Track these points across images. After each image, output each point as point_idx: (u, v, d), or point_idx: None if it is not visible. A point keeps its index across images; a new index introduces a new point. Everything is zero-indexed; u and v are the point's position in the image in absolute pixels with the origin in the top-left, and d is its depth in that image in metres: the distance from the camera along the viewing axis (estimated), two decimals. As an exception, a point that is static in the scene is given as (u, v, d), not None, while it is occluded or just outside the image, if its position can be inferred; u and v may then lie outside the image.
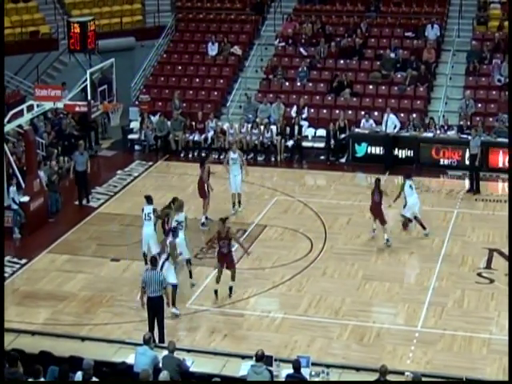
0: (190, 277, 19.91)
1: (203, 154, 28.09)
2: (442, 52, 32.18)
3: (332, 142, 28.46)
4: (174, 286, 18.38)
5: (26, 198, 23.15)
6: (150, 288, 16.98)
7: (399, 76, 30.94)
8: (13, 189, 23.09)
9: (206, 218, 23.29)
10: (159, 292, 17.00)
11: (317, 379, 14.41)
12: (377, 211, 21.93)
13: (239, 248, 20.08)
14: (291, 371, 14.01)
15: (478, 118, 28.70)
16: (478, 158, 25.60)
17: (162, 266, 17.92)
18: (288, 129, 29.24)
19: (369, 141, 28.21)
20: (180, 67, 33.05)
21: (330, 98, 30.67)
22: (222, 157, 29.12)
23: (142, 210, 20.67)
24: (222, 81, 32.28)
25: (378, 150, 28.09)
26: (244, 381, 14.07)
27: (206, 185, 23.38)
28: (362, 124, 28.77)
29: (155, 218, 20.48)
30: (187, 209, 23.91)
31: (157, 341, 16.48)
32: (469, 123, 28.29)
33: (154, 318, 17.10)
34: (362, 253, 21.57)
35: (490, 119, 28.71)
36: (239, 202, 24.37)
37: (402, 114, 29.19)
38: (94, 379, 13.60)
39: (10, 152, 23.92)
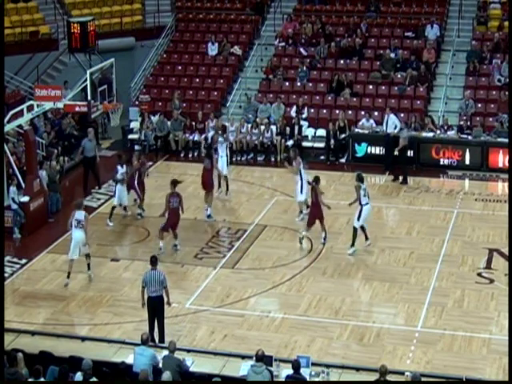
0: (88, 269, 20.24)
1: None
2: (442, 52, 32.18)
3: (332, 141, 28.47)
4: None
5: (25, 198, 23.15)
6: (150, 288, 16.99)
7: (399, 76, 30.94)
8: (13, 189, 23.09)
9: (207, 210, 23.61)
10: (159, 292, 17.02)
11: (317, 379, 14.41)
12: (320, 212, 21.80)
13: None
14: (291, 371, 14.02)
15: (477, 118, 28.72)
16: (407, 150, 26.49)
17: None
18: (288, 129, 29.25)
19: (369, 141, 28.23)
20: (180, 67, 33.05)
21: (329, 98, 30.67)
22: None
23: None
24: (222, 81, 32.28)
25: (377, 150, 28.11)
26: (244, 381, 14.09)
27: (211, 177, 23.63)
28: (361, 123, 28.75)
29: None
30: (186, 208, 23.98)
31: (157, 341, 16.51)
32: (469, 123, 28.31)
33: (154, 317, 17.11)
34: (362, 253, 21.57)
35: (490, 119, 28.72)
36: (227, 187, 24.62)
37: (402, 114, 29.19)
38: (94, 379, 13.62)
39: (10, 152, 23.92)
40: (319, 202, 21.68)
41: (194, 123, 30.00)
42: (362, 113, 29.45)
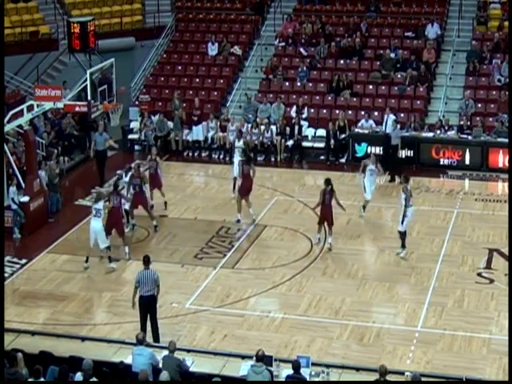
0: (110, 261, 20.61)
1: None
2: (442, 52, 32.18)
3: (332, 141, 28.47)
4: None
5: (25, 198, 23.14)
6: (144, 287, 17.01)
7: (399, 76, 30.94)
8: (13, 189, 23.07)
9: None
10: (153, 291, 17.04)
11: (317, 379, 14.41)
12: (330, 213, 21.61)
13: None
14: (291, 371, 14.02)
15: (477, 118, 28.72)
16: (398, 149, 26.53)
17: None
18: (288, 129, 29.24)
19: (369, 141, 28.23)
20: (180, 67, 33.05)
21: (329, 98, 30.67)
22: (222, 156, 29.27)
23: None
24: (222, 81, 32.28)
25: (377, 150, 28.09)
26: (244, 381, 14.08)
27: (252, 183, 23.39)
28: (360, 124, 28.75)
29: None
30: (186, 208, 24.03)
31: (151, 341, 16.49)
32: (469, 123, 28.31)
33: (147, 317, 17.12)
34: (362, 253, 21.57)
35: (490, 119, 28.72)
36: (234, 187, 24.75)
37: (402, 114, 29.19)
38: (94, 379, 13.62)
39: (10, 152, 23.92)
40: (331, 204, 21.51)
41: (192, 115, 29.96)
42: (362, 113, 29.45)
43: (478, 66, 30.59)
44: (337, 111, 29.75)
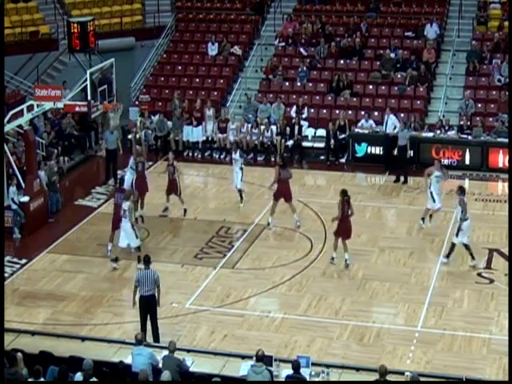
0: (139, 262, 20.10)
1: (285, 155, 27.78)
2: (442, 52, 32.18)
3: (332, 141, 28.47)
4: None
5: (25, 198, 23.15)
6: (143, 287, 17.01)
7: (399, 76, 30.94)
8: (13, 189, 23.08)
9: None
10: (152, 291, 17.05)
11: (317, 379, 14.41)
12: (350, 226, 20.77)
13: None
14: (291, 371, 14.02)
15: (477, 118, 28.71)
16: (407, 150, 26.34)
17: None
18: (288, 129, 29.23)
19: (369, 141, 28.22)
20: (180, 67, 33.05)
21: (329, 98, 30.67)
22: (222, 156, 29.28)
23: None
24: (222, 81, 32.28)
25: (377, 150, 28.11)
26: (244, 381, 14.08)
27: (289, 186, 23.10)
28: (360, 125, 28.75)
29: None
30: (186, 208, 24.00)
31: (151, 340, 16.49)
32: (469, 123, 28.30)
33: (147, 316, 17.12)
34: (362, 253, 21.57)
35: (490, 119, 28.72)
36: (241, 198, 24.53)
37: (402, 114, 29.18)
38: (94, 379, 13.62)
39: (10, 152, 23.92)
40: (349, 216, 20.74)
41: (192, 113, 29.96)
42: (362, 113, 29.45)
43: (478, 65, 30.59)
44: (337, 111, 29.75)
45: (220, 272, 20.69)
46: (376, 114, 29.45)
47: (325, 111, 30.24)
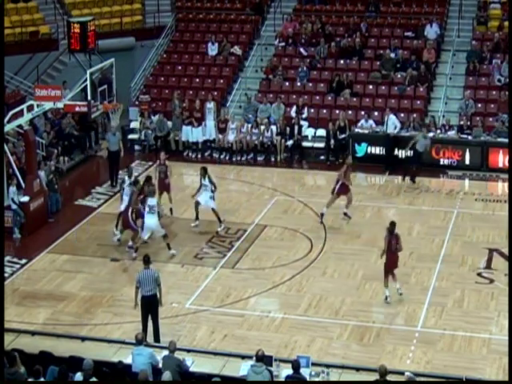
0: (169, 249, 21.30)
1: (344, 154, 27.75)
2: (442, 52, 32.17)
3: (332, 141, 28.47)
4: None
5: (25, 198, 23.15)
6: (145, 287, 17.02)
7: (399, 76, 30.93)
8: (13, 189, 23.08)
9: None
10: (154, 290, 17.05)
11: (317, 379, 14.41)
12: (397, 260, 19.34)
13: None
14: (291, 371, 14.02)
15: (477, 118, 28.71)
16: (422, 156, 26.48)
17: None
18: (288, 129, 29.23)
19: (369, 141, 28.23)
20: (180, 67, 33.05)
21: (330, 98, 30.67)
22: (222, 156, 29.29)
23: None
24: (222, 81, 32.28)
25: (377, 150, 28.11)
26: (244, 381, 14.09)
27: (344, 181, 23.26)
28: (360, 125, 28.75)
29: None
30: (186, 208, 24.00)
31: (152, 340, 16.49)
32: (469, 123, 28.30)
33: (148, 316, 17.12)
34: (362, 253, 21.57)
35: (490, 119, 28.71)
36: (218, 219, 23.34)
37: (402, 114, 29.19)
38: (94, 379, 13.61)
39: (10, 152, 23.92)
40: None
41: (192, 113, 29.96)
42: (362, 113, 29.45)
43: (478, 65, 30.58)
44: (337, 111, 29.75)
45: (220, 272, 20.69)
46: (376, 114, 29.46)
47: (325, 111, 30.24)
